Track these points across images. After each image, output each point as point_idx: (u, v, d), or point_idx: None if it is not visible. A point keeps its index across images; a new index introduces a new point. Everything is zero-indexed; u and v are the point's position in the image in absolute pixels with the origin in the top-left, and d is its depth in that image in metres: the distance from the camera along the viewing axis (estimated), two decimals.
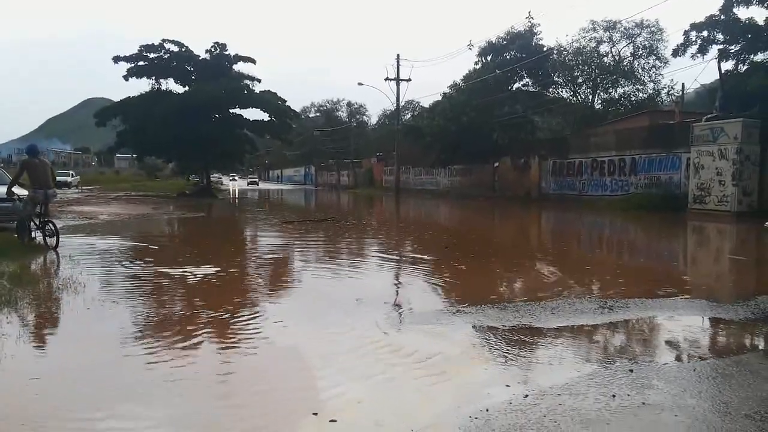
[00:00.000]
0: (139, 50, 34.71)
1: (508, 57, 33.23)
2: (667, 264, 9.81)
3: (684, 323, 5.36)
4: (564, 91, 34.29)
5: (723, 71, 21.93)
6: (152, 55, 34.90)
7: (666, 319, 5.50)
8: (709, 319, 5.48)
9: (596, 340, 4.90)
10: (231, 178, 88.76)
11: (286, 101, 36.77)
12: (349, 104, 74.57)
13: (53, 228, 10.24)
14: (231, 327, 5.34)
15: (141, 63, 34.73)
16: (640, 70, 31.52)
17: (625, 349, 4.54)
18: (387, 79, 40.74)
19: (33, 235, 10.43)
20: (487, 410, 3.29)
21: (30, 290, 6.65)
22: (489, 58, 34.14)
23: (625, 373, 3.92)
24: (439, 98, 37.76)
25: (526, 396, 3.52)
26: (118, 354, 4.57)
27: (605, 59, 32.01)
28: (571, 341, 4.81)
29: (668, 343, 4.82)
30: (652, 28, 30.91)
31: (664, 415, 3.24)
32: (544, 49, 32.56)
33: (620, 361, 4.19)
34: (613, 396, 3.49)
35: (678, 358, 4.20)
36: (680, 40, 23.26)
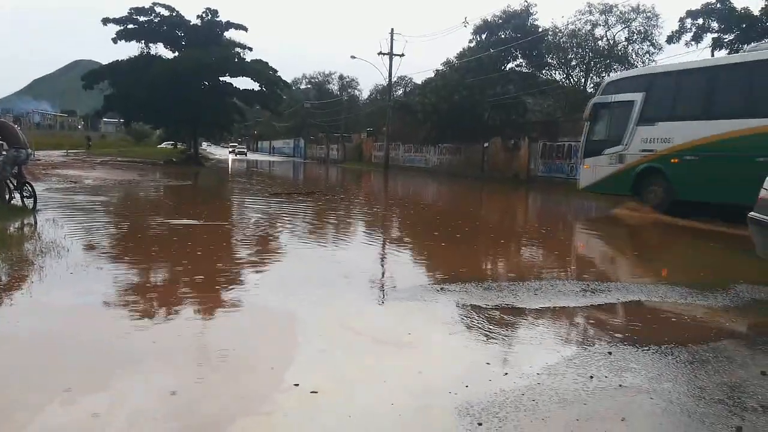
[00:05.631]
0: (128, 13, 34.05)
1: (502, 36, 32.98)
2: (647, 251, 9.92)
3: (664, 308, 5.44)
4: (557, 73, 34.16)
5: None
6: (142, 19, 34.24)
7: (647, 303, 5.57)
8: (689, 305, 5.55)
9: (577, 322, 4.96)
10: (231, 149, 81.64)
11: (277, 71, 36.34)
12: (341, 77, 73.78)
13: (31, 189, 10.13)
14: (213, 297, 5.34)
15: (130, 26, 34.08)
16: (634, 56, 31.41)
17: (605, 332, 4.60)
18: (380, 53, 40.31)
19: (12, 195, 10.30)
20: (466, 386, 3.33)
21: (13, 253, 6.59)
22: (483, 36, 33.88)
23: (604, 355, 3.97)
24: (432, 75, 37.51)
25: (506, 374, 3.57)
26: (97, 320, 4.56)
27: (600, 43, 31.86)
28: (552, 322, 4.86)
29: (648, 326, 4.88)
30: (648, 14, 30.73)
31: (639, 397, 3.30)
32: (539, 29, 32.33)
33: (599, 344, 4.25)
34: (591, 377, 3.54)
35: (656, 343, 4.26)
36: (675, 26, 23.27)
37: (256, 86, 36.03)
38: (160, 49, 35.53)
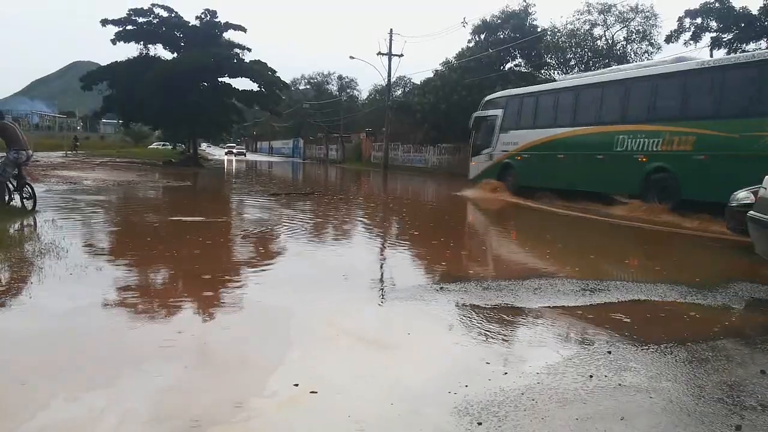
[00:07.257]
0: (127, 14, 33.99)
1: (501, 36, 33.07)
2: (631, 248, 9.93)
3: (663, 307, 5.44)
4: (556, 73, 34.20)
5: None
6: (141, 20, 34.18)
7: (646, 302, 5.57)
8: (688, 303, 5.55)
9: (576, 322, 4.95)
10: (227, 150, 77.29)
11: (275, 72, 36.29)
12: (339, 78, 73.83)
13: (30, 190, 10.12)
14: (212, 297, 5.33)
15: (129, 27, 34.00)
16: (633, 55, 31.47)
17: (604, 331, 4.60)
18: (379, 53, 40.33)
19: (12, 197, 10.28)
20: (466, 386, 3.32)
21: (12, 254, 6.58)
22: (482, 36, 33.97)
23: (604, 354, 3.97)
24: (431, 75, 37.54)
25: (506, 373, 3.56)
26: (94, 320, 4.56)
27: (598, 42, 31.92)
28: (551, 321, 4.86)
29: (647, 326, 4.88)
30: (647, 13, 30.82)
31: (639, 396, 3.30)
32: (538, 29, 32.43)
33: (599, 343, 4.25)
34: (591, 376, 3.54)
35: (656, 342, 4.26)
36: (674, 26, 23.28)
37: (255, 87, 35.97)
38: (159, 50, 35.52)
